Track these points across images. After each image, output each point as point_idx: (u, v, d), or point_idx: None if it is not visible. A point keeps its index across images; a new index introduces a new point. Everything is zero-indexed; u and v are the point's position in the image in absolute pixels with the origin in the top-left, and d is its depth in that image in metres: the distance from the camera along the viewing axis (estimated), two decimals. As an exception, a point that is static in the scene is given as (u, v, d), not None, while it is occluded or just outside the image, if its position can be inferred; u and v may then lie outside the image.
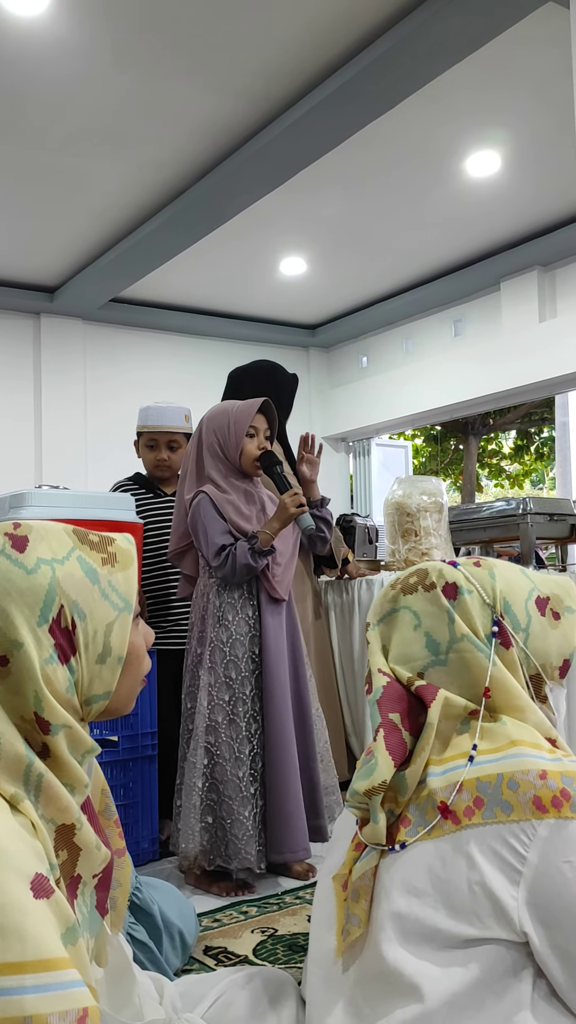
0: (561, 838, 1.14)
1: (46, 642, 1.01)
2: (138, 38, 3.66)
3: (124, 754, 2.75)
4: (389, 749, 1.23)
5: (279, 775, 2.47)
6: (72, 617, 1.02)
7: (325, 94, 3.96)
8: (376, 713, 1.27)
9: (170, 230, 5.31)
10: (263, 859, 2.47)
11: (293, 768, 2.49)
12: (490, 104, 4.29)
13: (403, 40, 3.56)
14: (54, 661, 1.01)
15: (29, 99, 4.07)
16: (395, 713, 1.27)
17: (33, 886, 0.90)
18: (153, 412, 3.29)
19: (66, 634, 1.02)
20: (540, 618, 1.33)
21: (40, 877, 0.91)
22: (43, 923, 0.89)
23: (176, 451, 3.28)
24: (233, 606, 2.55)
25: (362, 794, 1.22)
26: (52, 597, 1.01)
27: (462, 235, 5.89)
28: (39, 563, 1.02)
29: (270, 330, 7.59)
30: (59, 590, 1.02)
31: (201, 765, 2.48)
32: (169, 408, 3.31)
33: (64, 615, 1.02)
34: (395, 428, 7.95)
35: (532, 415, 13.54)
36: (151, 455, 3.28)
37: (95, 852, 1.03)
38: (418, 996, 1.14)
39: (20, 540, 1.03)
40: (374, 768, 1.22)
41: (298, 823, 2.47)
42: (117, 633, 1.06)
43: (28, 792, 0.98)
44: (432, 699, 1.26)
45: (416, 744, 1.26)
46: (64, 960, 0.88)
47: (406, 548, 3.38)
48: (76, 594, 1.03)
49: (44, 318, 6.81)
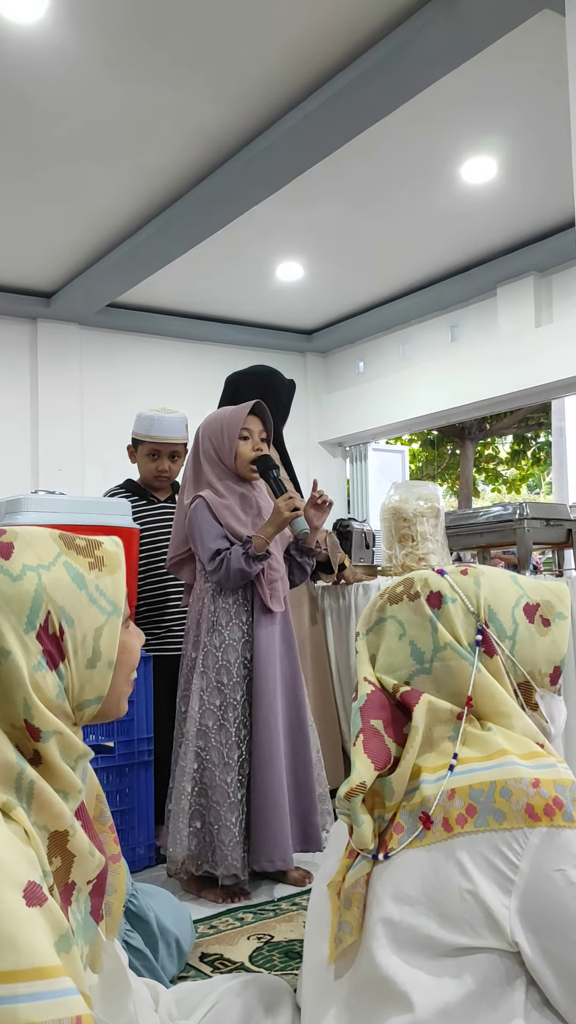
0: (553, 847, 1.14)
1: (34, 649, 1.01)
2: (135, 45, 3.67)
3: (120, 760, 2.74)
4: (368, 753, 1.24)
5: (264, 782, 2.45)
6: (60, 623, 1.03)
7: (321, 100, 3.96)
8: (358, 719, 1.28)
9: (167, 235, 5.32)
10: (248, 865, 2.46)
11: (279, 776, 2.47)
12: (486, 111, 4.31)
13: (399, 47, 3.57)
14: (43, 668, 1.01)
15: (26, 105, 4.08)
16: (377, 720, 1.27)
17: (26, 894, 0.90)
18: (157, 423, 3.23)
19: (54, 640, 1.02)
20: (528, 625, 1.33)
21: (33, 885, 0.91)
22: (36, 932, 0.89)
23: (176, 461, 3.27)
24: (227, 611, 2.55)
25: (342, 797, 1.22)
26: (39, 604, 1.01)
27: (458, 241, 5.90)
28: (24, 570, 1.02)
29: (267, 335, 7.60)
30: (46, 596, 1.02)
31: (191, 770, 2.48)
32: (172, 419, 3.26)
33: (52, 621, 1.02)
34: (392, 433, 7.96)
35: (529, 420, 13.56)
36: (151, 464, 3.25)
37: (89, 858, 1.03)
38: (408, 1005, 1.14)
39: (5, 547, 1.03)
40: (353, 771, 1.23)
41: (279, 831, 2.43)
42: (106, 637, 1.06)
43: (20, 799, 0.98)
44: (415, 702, 1.27)
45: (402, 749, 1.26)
46: (57, 968, 0.88)
47: (403, 553, 3.39)
48: (63, 600, 1.03)
49: (41, 323, 6.81)
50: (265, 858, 2.43)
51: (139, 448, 3.27)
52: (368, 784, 1.22)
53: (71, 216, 5.25)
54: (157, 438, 3.22)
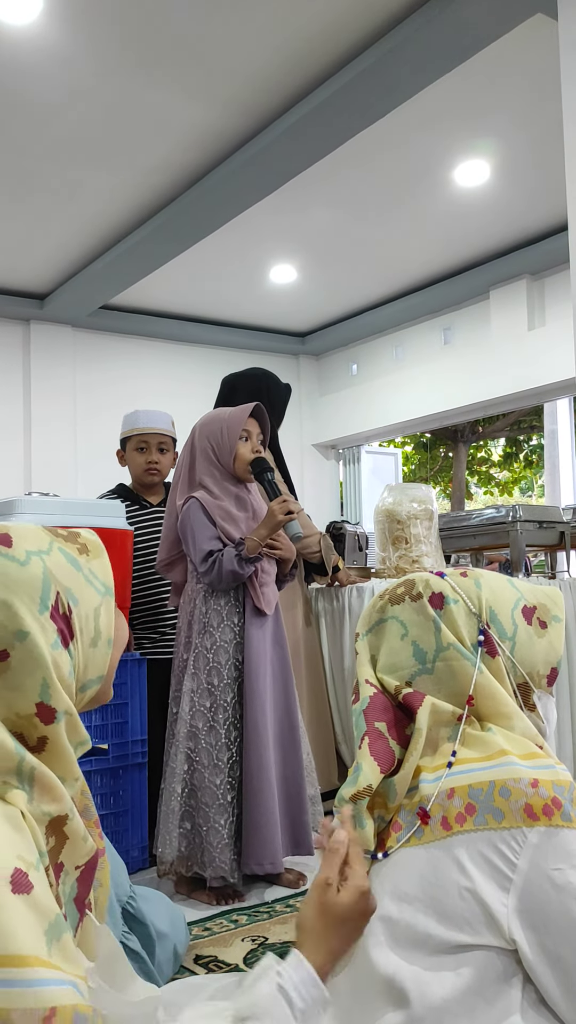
0: (551, 846, 1.15)
1: (50, 628, 1.03)
2: (128, 47, 3.67)
3: (114, 762, 2.74)
4: (374, 755, 1.24)
5: (254, 785, 2.45)
6: (68, 603, 1.05)
7: (315, 103, 3.97)
8: (362, 722, 1.28)
9: (160, 238, 5.32)
10: (237, 868, 2.45)
11: (268, 779, 2.46)
12: (479, 114, 4.32)
13: (393, 50, 3.58)
14: (59, 647, 1.03)
15: (19, 107, 4.08)
16: (381, 722, 1.28)
17: (12, 881, 0.89)
18: (143, 415, 3.29)
19: (65, 619, 1.05)
20: (527, 627, 1.35)
21: (19, 872, 0.90)
22: (16, 919, 0.87)
23: (165, 454, 3.27)
24: (219, 613, 2.55)
25: (348, 799, 1.22)
26: (48, 584, 1.04)
27: (451, 244, 5.92)
28: (29, 555, 1.04)
29: (260, 338, 7.60)
30: (52, 578, 1.04)
31: (181, 771, 2.48)
32: (157, 412, 3.32)
33: (61, 601, 1.05)
34: (385, 435, 7.97)
35: (521, 423, 13.60)
36: (141, 458, 3.26)
37: (81, 843, 1.04)
38: (405, 1002, 1.15)
39: (4, 537, 1.06)
40: (359, 774, 1.23)
41: (268, 834, 2.43)
42: (104, 616, 1.09)
43: (22, 783, 0.98)
44: (419, 704, 1.27)
45: (405, 751, 1.27)
46: (34, 958, 0.85)
47: (396, 556, 3.39)
48: (67, 581, 1.06)
49: (34, 325, 6.80)
50: (255, 861, 2.42)
51: (127, 445, 3.28)
52: (374, 787, 1.23)
53: (65, 218, 5.24)
54: (143, 429, 3.24)
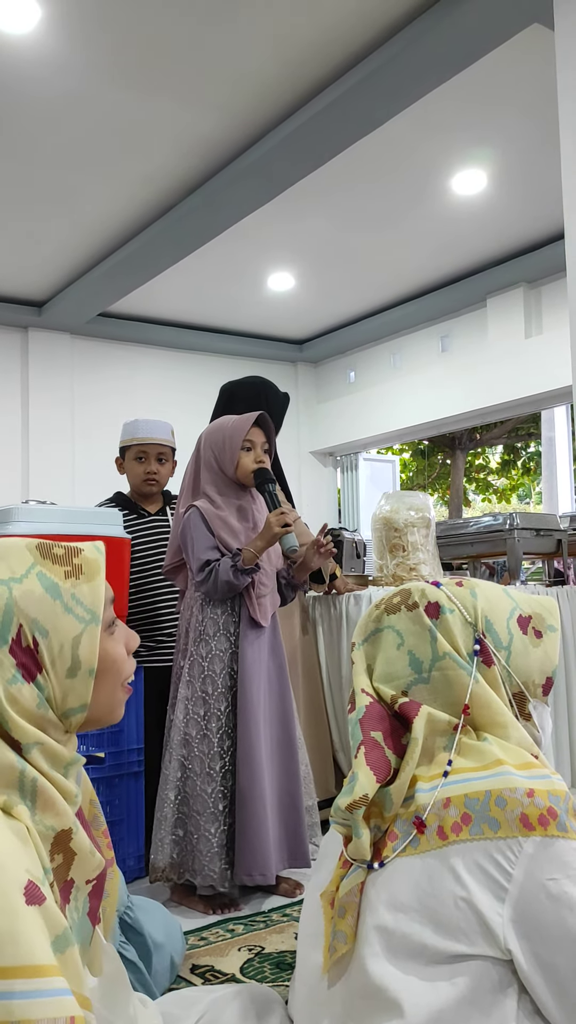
0: (547, 856, 1.15)
1: (7, 663, 1.01)
2: (128, 55, 3.68)
3: (110, 771, 2.73)
4: (371, 764, 1.24)
5: (246, 795, 2.43)
6: (33, 635, 1.03)
7: (313, 112, 3.99)
8: (358, 732, 1.28)
9: (159, 245, 5.33)
10: (228, 878, 2.44)
11: (260, 789, 2.44)
12: (476, 123, 4.34)
13: (391, 59, 3.60)
14: (18, 681, 1.02)
15: (18, 114, 4.09)
16: (377, 732, 1.28)
17: (26, 892, 0.90)
18: (143, 425, 3.28)
19: (28, 653, 1.03)
20: (522, 636, 1.35)
21: (32, 884, 0.92)
22: (34, 930, 0.89)
23: (164, 464, 3.27)
24: (215, 621, 2.55)
25: (344, 809, 1.22)
26: (9, 618, 1.02)
27: (449, 252, 5.93)
28: None
29: (258, 345, 7.61)
30: (16, 610, 1.03)
31: (175, 778, 2.48)
32: (157, 422, 3.31)
33: (24, 634, 1.03)
34: (382, 443, 7.98)
35: (518, 430, 13.61)
36: (139, 468, 3.25)
37: (90, 857, 1.04)
38: (399, 1012, 1.14)
39: None
40: (355, 783, 1.23)
41: (259, 846, 2.41)
42: (85, 646, 1.06)
43: (24, 798, 0.99)
44: (415, 714, 1.27)
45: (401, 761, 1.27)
46: (52, 968, 0.89)
47: (394, 563, 3.39)
48: (36, 612, 1.04)
49: (32, 332, 6.81)
50: (245, 872, 2.41)
51: (126, 454, 3.28)
52: (370, 796, 1.22)
53: (63, 225, 5.26)
54: (143, 439, 3.24)
